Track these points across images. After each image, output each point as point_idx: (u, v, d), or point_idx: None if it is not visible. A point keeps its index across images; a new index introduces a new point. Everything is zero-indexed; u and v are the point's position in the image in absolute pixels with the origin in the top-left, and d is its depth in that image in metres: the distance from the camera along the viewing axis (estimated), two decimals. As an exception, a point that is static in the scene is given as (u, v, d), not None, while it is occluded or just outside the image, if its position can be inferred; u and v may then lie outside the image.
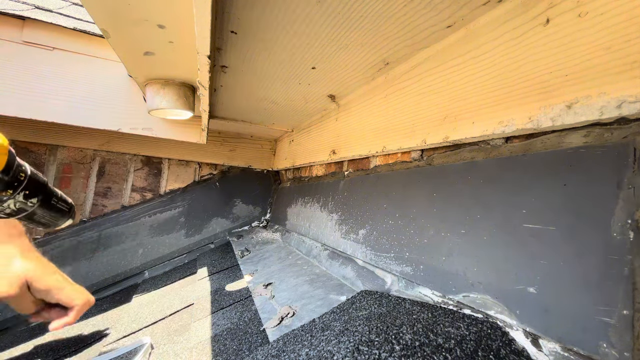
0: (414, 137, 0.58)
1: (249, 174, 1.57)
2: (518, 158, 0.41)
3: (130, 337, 0.72)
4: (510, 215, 0.40)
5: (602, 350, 0.28)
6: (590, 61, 0.32)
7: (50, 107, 0.95)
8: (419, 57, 0.56)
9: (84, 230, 1.26)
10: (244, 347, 0.54)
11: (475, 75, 0.46)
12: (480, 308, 0.40)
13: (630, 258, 0.28)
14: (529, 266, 0.36)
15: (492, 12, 0.43)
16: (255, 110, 0.98)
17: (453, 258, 0.46)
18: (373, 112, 0.71)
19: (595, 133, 0.33)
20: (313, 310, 0.59)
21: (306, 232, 1.00)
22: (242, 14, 0.45)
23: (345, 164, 0.92)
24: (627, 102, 0.29)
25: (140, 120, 1.07)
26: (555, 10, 0.35)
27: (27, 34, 0.94)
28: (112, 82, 1.03)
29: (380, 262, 0.61)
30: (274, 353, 0.45)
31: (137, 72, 0.83)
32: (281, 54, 0.58)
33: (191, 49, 0.67)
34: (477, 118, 0.45)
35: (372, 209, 0.69)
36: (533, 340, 0.34)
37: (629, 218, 0.28)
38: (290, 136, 1.31)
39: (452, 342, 0.35)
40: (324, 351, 0.39)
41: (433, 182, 0.54)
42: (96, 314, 0.98)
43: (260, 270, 0.90)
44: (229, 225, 1.46)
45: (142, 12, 0.55)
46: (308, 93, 0.80)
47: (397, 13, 0.44)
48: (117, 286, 1.22)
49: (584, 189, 0.33)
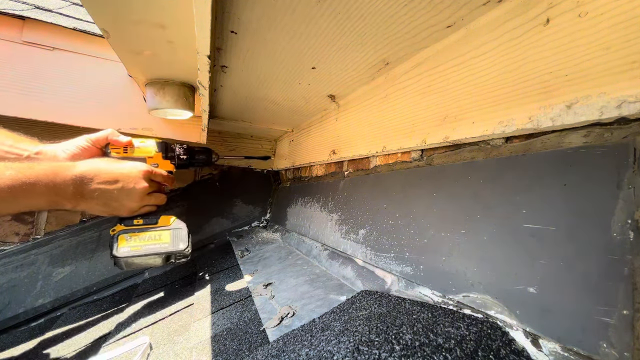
0: (414, 137, 0.58)
1: (249, 174, 1.57)
2: (518, 158, 0.41)
3: (129, 337, 0.72)
4: (510, 215, 0.40)
5: (602, 350, 0.28)
6: (590, 61, 0.32)
7: (50, 107, 0.95)
8: (419, 57, 0.56)
9: (84, 230, 1.26)
10: (244, 347, 0.54)
11: (475, 75, 0.46)
12: (480, 308, 0.40)
13: (630, 258, 0.28)
14: (529, 266, 0.36)
15: (492, 12, 0.43)
16: (255, 110, 0.98)
17: (453, 258, 0.46)
18: (373, 112, 0.71)
19: (595, 133, 0.33)
20: (313, 310, 0.59)
21: (306, 232, 1.00)
22: (242, 14, 0.45)
23: (345, 164, 0.92)
24: (627, 102, 0.29)
25: (140, 120, 1.07)
26: (555, 10, 0.35)
27: (27, 34, 0.94)
28: (112, 82, 1.03)
29: (380, 262, 0.61)
30: (274, 353, 0.45)
31: (137, 72, 0.83)
32: (281, 54, 0.58)
33: (191, 49, 0.67)
34: (477, 118, 0.45)
35: (372, 209, 0.69)
36: (533, 340, 0.34)
37: (629, 218, 0.28)
38: (290, 136, 1.31)
39: (452, 342, 0.35)
40: (324, 351, 0.39)
41: (433, 182, 0.54)
42: (96, 314, 0.98)
43: (260, 270, 0.90)
44: (229, 225, 1.46)
45: (142, 12, 0.55)
46: (308, 93, 0.80)
47: (397, 13, 0.44)
48: (117, 286, 1.22)
49: (584, 189, 0.33)
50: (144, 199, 0.78)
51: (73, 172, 0.65)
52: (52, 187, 0.61)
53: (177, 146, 0.93)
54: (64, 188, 0.64)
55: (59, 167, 0.64)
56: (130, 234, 0.80)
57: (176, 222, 0.84)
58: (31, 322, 1.08)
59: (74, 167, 0.66)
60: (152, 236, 0.81)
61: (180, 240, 0.83)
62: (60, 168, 0.64)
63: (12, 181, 0.56)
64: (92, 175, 0.68)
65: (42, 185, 0.60)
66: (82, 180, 0.66)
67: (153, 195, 0.80)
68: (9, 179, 0.55)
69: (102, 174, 0.69)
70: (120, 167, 0.74)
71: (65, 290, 1.14)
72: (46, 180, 0.60)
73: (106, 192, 0.70)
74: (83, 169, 0.67)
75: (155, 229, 0.82)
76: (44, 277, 1.14)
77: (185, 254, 0.85)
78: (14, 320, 1.07)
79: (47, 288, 1.13)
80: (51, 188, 0.61)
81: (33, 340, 0.90)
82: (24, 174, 0.58)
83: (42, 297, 1.11)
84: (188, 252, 0.85)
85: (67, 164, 0.67)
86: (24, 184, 0.57)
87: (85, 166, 0.68)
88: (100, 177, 0.69)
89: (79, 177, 0.66)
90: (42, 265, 1.16)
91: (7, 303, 1.07)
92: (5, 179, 0.55)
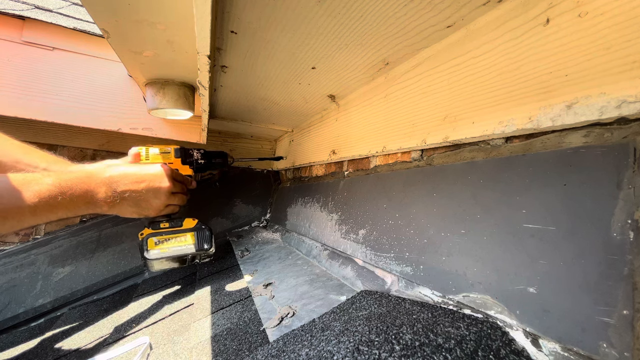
0: (414, 137, 0.58)
1: (249, 174, 1.57)
2: (518, 158, 0.41)
3: (129, 337, 0.72)
4: (510, 215, 0.40)
5: (602, 350, 0.28)
6: (590, 61, 0.32)
7: (50, 107, 0.95)
8: (419, 57, 0.56)
9: (84, 230, 1.26)
10: (244, 347, 0.54)
11: (475, 75, 0.46)
12: (480, 308, 0.40)
13: (630, 258, 0.28)
14: (529, 266, 0.36)
15: (492, 12, 0.43)
16: (255, 110, 0.98)
17: (453, 258, 0.46)
18: (373, 112, 0.71)
19: (595, 133, 0.33)
20: (313, 310, 0.59)
21: (306, 232, 1.00)
22: (242, 14, 0.45)
23: (345, 164, 0.92)
24: (627, 102, 0.29)
25: (140, 120, 1.07)
26: (555, 10, 0.35)
27: (27, 34, 0.94)
28: (112, 82, 1.03)
29: (380, 262, 0.61)
30: (274, 353, 0.45)
31: (137, 72, 0.82)
32: (281, 54, 0.58)
33: (191, 48, 0.67)
34: (477, 118, 0.45)
35: (372, 209, 0.69)
36: (533, 340, 0.34)
37: (629, 218, 0.28)
38: (290, 136, 1.31)
39: (452, 342, 0.35)
40: (324, 351, 0.39)
41: (433, 182, 0.54)
42: (95, 314, 0.98)
43: (260, 270, 0.90)
44: (229, 225, 1.46)
45: (142, 12, 0.55)
46: (308, 93, 0.80)
47: (397, 13, 0.44)
48: (117, 286, 1.21)
49: (584, 189, 0.33)
50: (169, 197, 0.81)
51: (104, 175, 0.71)
52: (87, 190, 0.66)
53: (194, 151, 0.97)
54: (98, 191, 0.69)
55: (92, 171, 0.70)
56: (158, 237, 0.85)
57: (199, 224, 0.90)
58: (31, 322, 1.08)
59: (104, 172, 0.72)
60: (179, 239, 0.87)
61: (205, 242, 0.89)
62: (93, 172, 0.70)
63: (54, 187, 0.60)
64: (120, 178, 0.73)
65: (79, 190, 0.65)
66: (112, 182, 0.71)
67: (177, 195, 0.84)
68: (51, 185, 0.60)
69: (129, 175, 0.74)
70: (146, 169, 0.78)
71: (65, 290, 1.14)
72: (82, 184, 0.66)
73: (135, 192, 0.74)
74: (112, 173, 0.73)
75: (180, 232, 0.87)
76: (44, 277, 1.14)
77: (210, 254, 0.90)
78: (14, 320, 1.07)
79: (47, 288, 1.13)
80: (87, 192, 0.66)
81: (33, 340, 0.90)
82: (63, 178, 0.63)
83: (42, 297, 1.11)
84: (212, 252, 0.90)
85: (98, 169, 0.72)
86: (64, 188, 0.62)
87: (113, 170, 0.73)
88: (128, 179, 0.74)
89: (109, 180, 0.71)
90: (42, 265, 1.16)
91: (7, 303, 1.07)
92: (46, 185, 0.59)
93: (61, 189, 0.61)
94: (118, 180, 0.72)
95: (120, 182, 0.72)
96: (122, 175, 0.73)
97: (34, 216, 0.57)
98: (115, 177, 0.72)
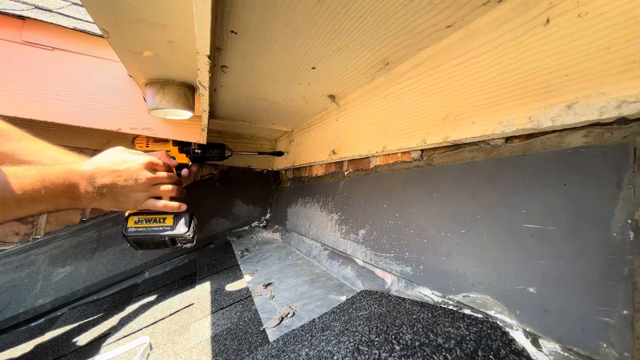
0: (414, 137, 0.58)
1: (249, 174, 1.57)
2: (518, 158, 0.41)
3: (129, 337, 0.72)
4: (510, 215, 0.40)
5: (602, 350, 0.28)
6: (590, 61, 0.32)
7: (50, 107, 0.95)
8: (419, 57, 0.56)
9: (84, 230, 1.26)
10: (244, 347, 0.54)
11: (475, 75, 0.46)
12: (480, 308, 0.40)
13: (630, 258, 0.28)
14: (529, 266, 0.36)
15: (492, 12, 0.43)
16: (255, 110, 0.98)
17: (453, 258, 0.46)
18: (373, 112, 0.71)
19: (595, 133, 0.33)
20: (313, 310, 0.59)
21: (306, 232, 1.00)
22: (242, 14, 0.45)
23: (345, 164, 0.92)
24: (627, 102, 0.29)
25: (140, 120, 1.07)
26: (555, 10, 0.35)
27: (27, 34, 0.94)
28: (112, 82, 1.02)
29: (380, 262, 0.61)
30: (274, 353, 0.45)
31: (137, 72, 0.82)
32: (281, 54, 0.58)
33: (191, 48, 0.67)
34: (477, 118, 0.45)
35: (372, 209, 0.69)
36: (533, 340, 0.34)
37: (629, 218, 0.28)
38: (290, 136, 1.31)
39: (452, 342, 0.35)
40: (324, 351, 0.39)
41: (433, 182, 0.54)
42: (95, 314, 0.98)
43: (260, 270, 0.90)
44: (229, 225, 1.46)
45: (142, 12, 0.55)
46: (308, 93, 0.80)
47: (397, 13, 0.44)
48: (117, 286, 1.22)
49: (584, 189, 0.33)
50: (149, 189, 0.80)
51: (83, 169, 0.70)
52: (69, 185, 0.66)
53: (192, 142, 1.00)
54: (78, 185, 0.68)
55: (71, 165, 0.70)
56: (139, 216, 0.87)
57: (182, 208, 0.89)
58: (31, 322, 1.08)
59: (82, 165, 0.71)
60: (157, 219, 0.88)
61: (182, 224, 0.88)
62: (74, 167, 0.70)
63: (37, 180, 0.60)
64: (98, 171, 0.72)
65: (61, 184, 0.65)
66: (91, 176, 0.71)
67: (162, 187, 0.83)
68: (33, 178, 0.60)
69: (104, 167, 0.73)
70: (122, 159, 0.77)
71: (65, 290, 1.14)
72: (63, 179, 0.65)
73: (112, 186, 0.74)
74: (91, 167, 0.72)
75: (160, 213, 0.88)
76: (44, 277, 1.14)
77: (188, 239, 0.90)
78: (14, 320, 1.07)
79: (47, 288, 1.13)
80: (68, 186, 0.66)
81: (33, 340, 0.90)
82: (45, 172, 0.63)
83: (42, 297, 1.11)
84: (189, 236, 0.89)
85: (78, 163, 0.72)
86: (46, 182, 0.62)
87: (90, 164, 0.72)
88: (105, 172, 0.73)
89: (89, 174, 0.70)
90: (42, 265, 1.16)
91: (7, 303, 1.07)
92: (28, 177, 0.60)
93: (44, 183, 0.61)
94: (96, 174, 0.71)
95: (98, 175, 0.72)
96: (99, 169, 0.72)
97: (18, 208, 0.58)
98: (94, 171, 0.71)
